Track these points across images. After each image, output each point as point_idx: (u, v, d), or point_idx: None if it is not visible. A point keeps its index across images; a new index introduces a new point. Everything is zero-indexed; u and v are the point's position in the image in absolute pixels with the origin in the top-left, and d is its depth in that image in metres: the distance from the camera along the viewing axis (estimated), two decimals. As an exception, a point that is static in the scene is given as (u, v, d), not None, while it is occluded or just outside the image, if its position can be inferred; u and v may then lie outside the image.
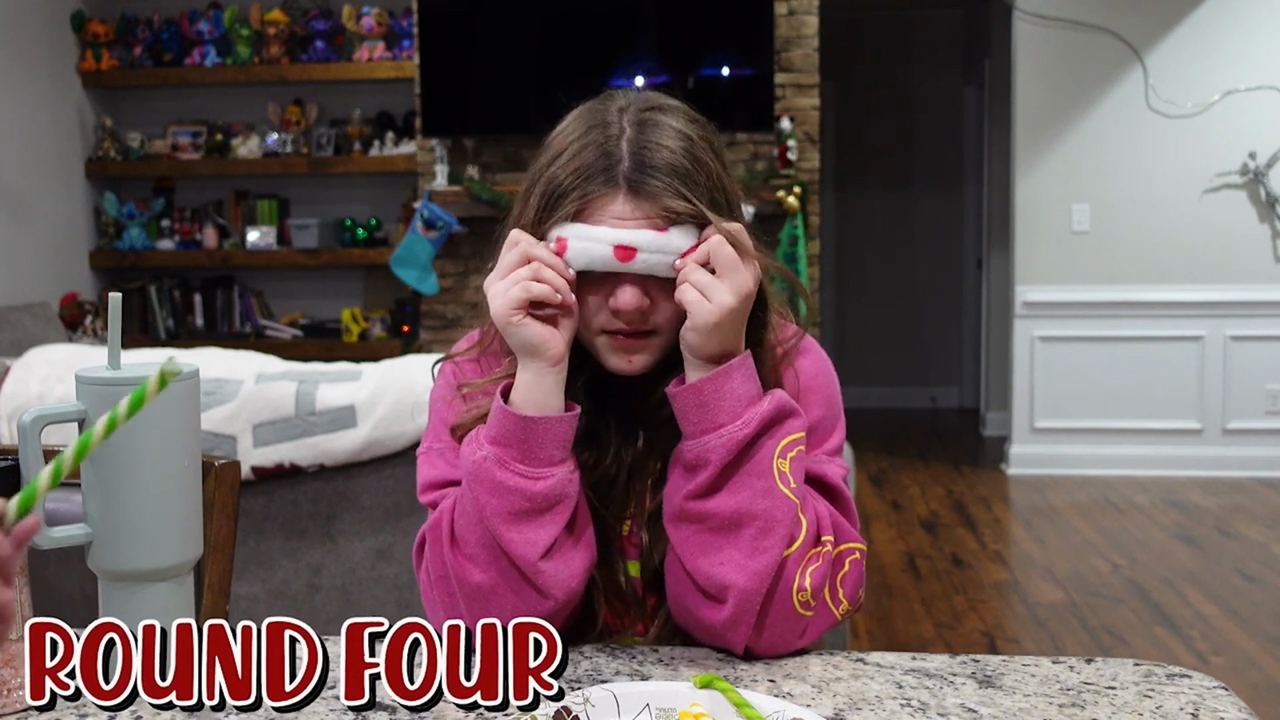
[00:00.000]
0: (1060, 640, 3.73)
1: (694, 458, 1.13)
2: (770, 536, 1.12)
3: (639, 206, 1.12)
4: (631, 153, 1.13)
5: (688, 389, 1.14)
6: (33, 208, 5.71)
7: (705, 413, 1.13)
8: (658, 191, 1.12)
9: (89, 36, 6.07)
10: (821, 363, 1.28)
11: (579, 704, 0.98)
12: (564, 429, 1.14)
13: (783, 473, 1.14)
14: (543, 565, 1.12)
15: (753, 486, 1.12)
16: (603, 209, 1.13)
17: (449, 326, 5.62)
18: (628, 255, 1.11)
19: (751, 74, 5.36)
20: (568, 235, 1.12)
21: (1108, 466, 5.95)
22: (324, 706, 1.02)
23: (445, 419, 1.26)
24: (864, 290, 8.28)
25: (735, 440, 1.12)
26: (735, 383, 1.13)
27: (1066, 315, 5.98)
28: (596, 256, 1.12)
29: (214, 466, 1.40)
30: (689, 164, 1.14)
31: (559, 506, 1.13)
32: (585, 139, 1.15)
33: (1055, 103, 5.92)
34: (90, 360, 2.67)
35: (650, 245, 1.11)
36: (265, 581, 2.59)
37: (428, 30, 5.47)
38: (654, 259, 1.12)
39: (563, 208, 1.13)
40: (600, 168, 1.13)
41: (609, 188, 1.13)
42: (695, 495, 1.13)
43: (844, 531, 1.19)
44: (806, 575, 1.14)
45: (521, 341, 1.13)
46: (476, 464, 1.13)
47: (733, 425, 1.12)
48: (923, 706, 1.02)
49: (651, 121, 1.16)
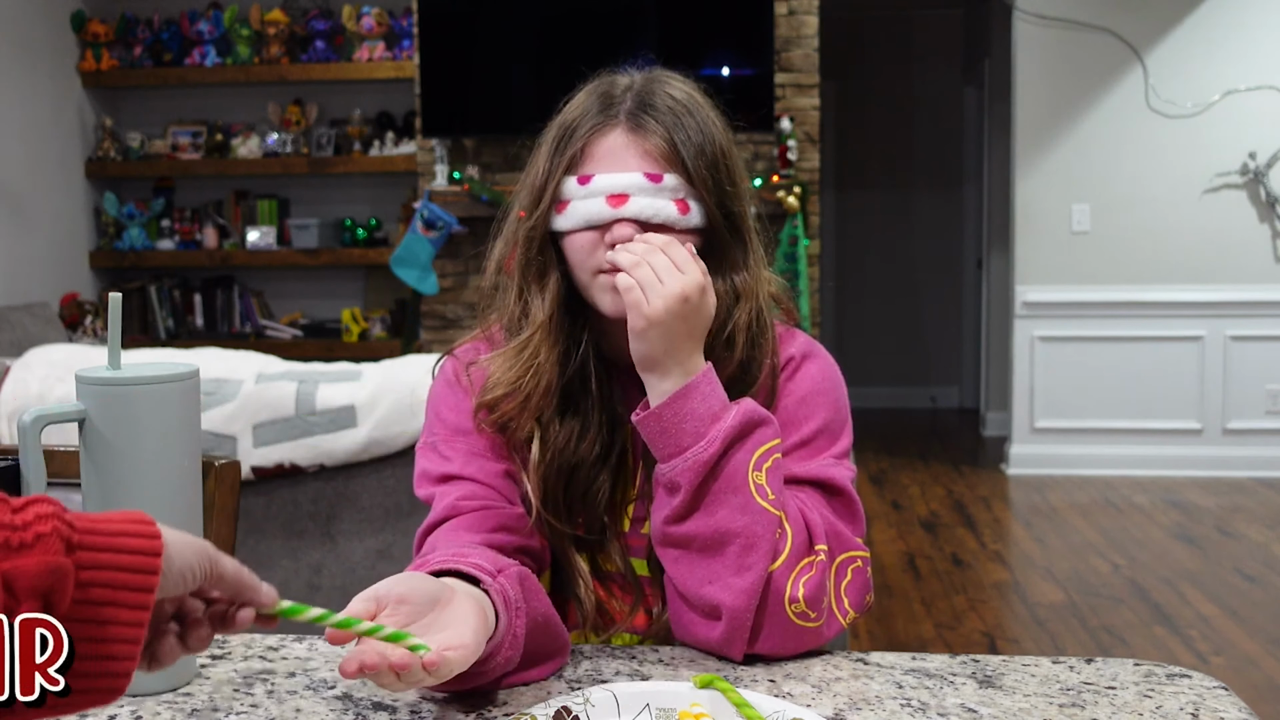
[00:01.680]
0: (1060, 640, 3.73)
1: (667, 482, 1.14)
2: (754, 553, 1.11)
3: (635, 142, 1.18)
4: (634, 95, 1.20)
5: (648, 417, 1.14)
6: (33, 208, 5.71)
7: (669, 438, 1.13)
8: (654, 128, 1.17)
9: (89, 36, 6.07)
10: (828, 367, 1.28)
11: (579, 704, 0.98)
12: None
13: (759, 485, 1.12)
14: (527, 676, 1.08)
15: (729, 504, 1.12)
16: (602, 143, 1.18)
17: (449, 326, 5.62)
18: (619, 201, 1.17)
19: (751, 74, 5.36)
20: (567, 197, 1.19)
21: (1108, 466, 5.95)
22: (324, 706, 1.02)
23: (443, 414, 1.26)
24: (864, 290, 8.27)
25: (701, 462, 1.11)
26: (694, 402, 1.12)
27: (1066, 315, 5.98)
28: (594, 211, 1.17)
29: (214, 466, 1.40)
30: (689, 116, 1.19)
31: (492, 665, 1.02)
32: (594, 91, 1.23)
33: (1055, 103, 5.92)
34: (90, 360, 2.67)
35: (642, 189, 1.16)
36: (265, 581, 2.59)
37: (428, 30, 5.47)
38: (645, 202, 1.16)
39: (569, 149, 1.19)
40: (603, 106, 1.20)
41: (610, 122, 1.19)
42: (673, 520, 1.13)
43: (843, 540, 1.18)
44: (799, 585, 1.13)
45: None
46: None
47: (697, 446, 1.11)
48: (923, 706, 1.02)
49: (659, 79, 1.24)
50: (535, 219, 1.21)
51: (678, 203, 1.17)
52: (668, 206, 1.17)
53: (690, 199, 1.18)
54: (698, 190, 1.18)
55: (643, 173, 1.17)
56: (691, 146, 1.18)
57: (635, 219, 1.16)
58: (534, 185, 1.22)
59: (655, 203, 1.16)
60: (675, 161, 1.17)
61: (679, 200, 1.17)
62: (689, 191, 1.18)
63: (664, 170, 1.17)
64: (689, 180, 1.17)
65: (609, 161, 1.18)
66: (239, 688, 1.07)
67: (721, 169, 1.20)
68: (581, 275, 1.20)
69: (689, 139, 1.18)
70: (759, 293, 1.23)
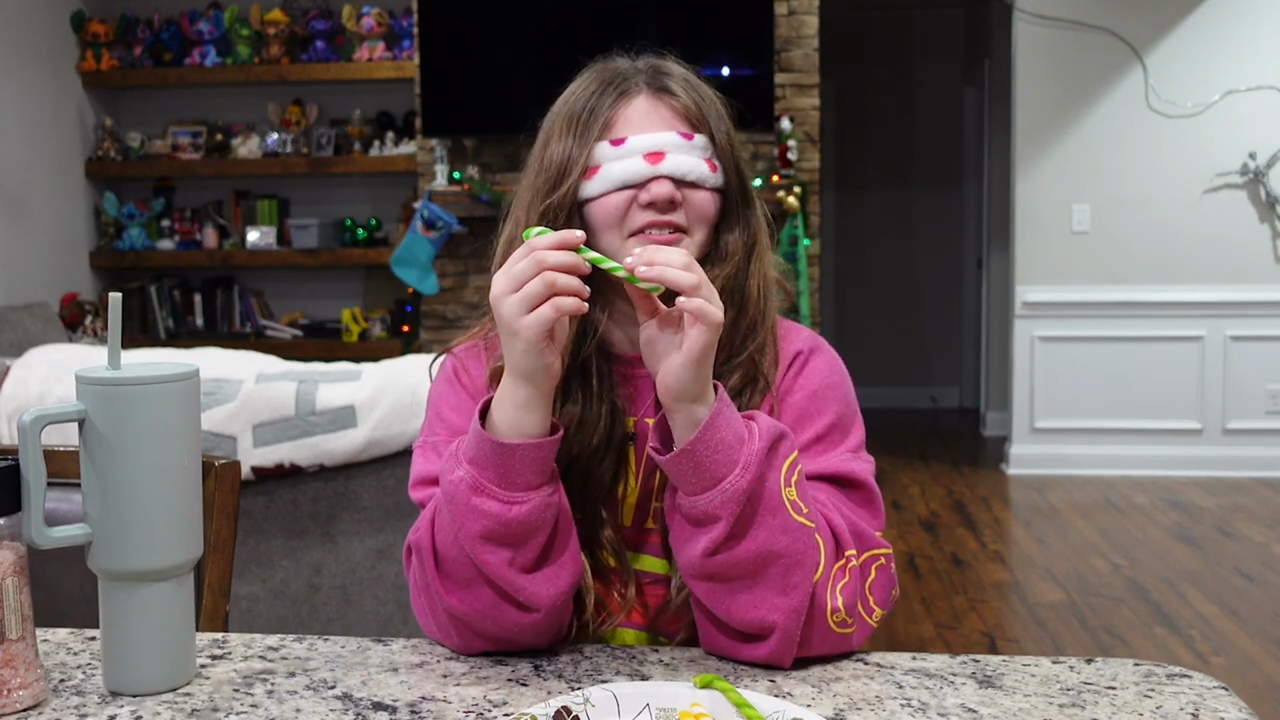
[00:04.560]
0: (1060, 640, 3.73)
1: (700, 514, 1.08)
2: (799, 571, 1.09)
3: (663, 102, 1.20)
4: (647, 68, 1.23)
5: (679, 455, 1.07)
6: (33, 208, 5.71)
7: (701, 472, 1.07)
8: (678, 91, 1.20)
9: (89, 36, 6.07)
10: (835, 361, 1.28)
11: (579, 704, 0.98)
12: (544, 454, 1.08)
13: (793, 502, 1.10)
14: (523, 582, 1.09)
15: (769, 526, 1.09)
16: (628, 109, 1.20)
17: (449, 326, 5.62)
18: (656, 158, 1.18)
19: (751, 74, 5.36)
20: (599, 161, 1.18)
21: (1108, 466, 5.95)
22: (324, 706, 1.02)
23: (443, 413, 1.25)
24: (864, 290, 8.27)
25: (739, 490, 1.07)
26: (721, 430, 1.07)
27: (1066, 315, 5.98)
28: (631, 170, 1.18)
29: (214, 466, 1.40)
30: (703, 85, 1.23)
31: (537, 532, 1.09)
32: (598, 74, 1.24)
33: (1055, 103, 5.92)
34: (90, 360, 2.67)
35: (677, 146, 1.18)
36: (265, 581, 2.59)
37: (428, 30, 5.48)
38: (681, 159, 1.18)
39: (596, 120, 1.19)
40: (616, 82, 1.21)
41: (632, 90, 1.21)
42: (712, 551, 1.09)
43: (866, 538, 1.17)
44: (838, 595, 1.12)
45: (534, 369, 1.06)
46: (453, 484, 1.09)
47: (732, 476, 1.07)
48: (923, 706, 1.02)
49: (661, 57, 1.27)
50: (563, 192, 1.19)
51: (707, 161, 1.20)
52: (701, 164, 1.19)
53: (716, 160, 1.21)
54: (722, 152, 1.21)
55: (676, 131, 1.19)
56: (714, 110, 1.22)
57: (672, 175, 1.18)
58: (554, 164, 1.20)
59: (689, 160, 1.19)
60: (702, 121, 1.21)
61: (708, 160, 1.20)
62: (715, 152, 1.21)
63: (693, 130, 1.20)
64: (714, 141, 1.21)
65: (640, 124, 1.20)
66: (239, 688, 1.07)
67: (734, 137, 1.24)
68: (612, 240, 1.19)
69: (710, 104, 1.22)
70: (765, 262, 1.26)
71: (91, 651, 1.15)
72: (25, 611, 1.01)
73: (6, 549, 1.00)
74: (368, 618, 2.61)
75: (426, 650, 1.16)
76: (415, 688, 1.06)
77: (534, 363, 1.05)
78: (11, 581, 1.00)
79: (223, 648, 1.16)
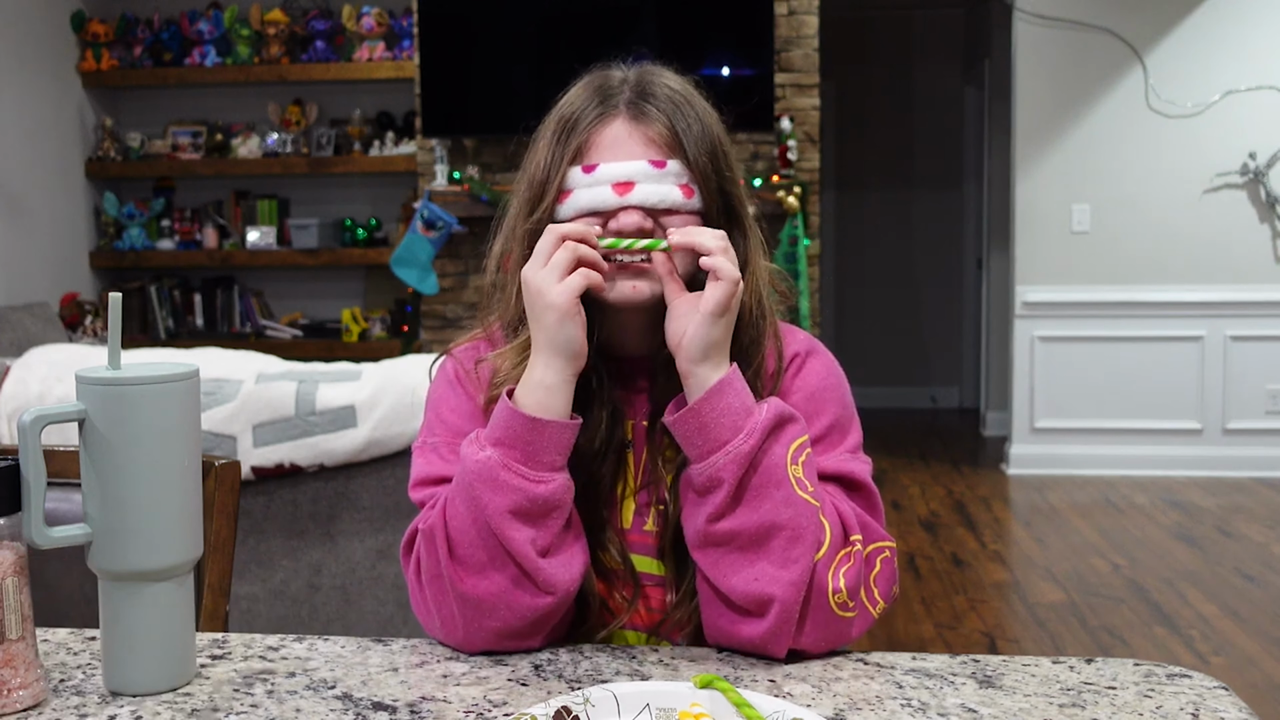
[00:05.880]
0: (1060, 640, 3.73)
1: (705, 480, 1.13)
2: (799, 545, 1.12)
3: (637, 129, 1.20)
4: (632, 86, 1.23)
5: (686, 414, 1.14)
6: (33, 208, 5.71)
7: (707, 434, 1.13)
8: (655, 116, 1.20)
9: (89, 36, 6.07)
10: (831, 362, 1.30)
11: (579, 704, 0.98)
12: (568, 436, 1.14)
13: (799, 478, 1.13)
14: (544, 562, 1.12)
15: (772, 497, 1.12)
16: (604, 133, 1.20)
17: (449, 326, 5.62)
18: (625, 189, 1.18)
19: (751, 74, 5.36)
20: (571, 187, 1.20)
21: (1108, 466, 5.95)
22: (324, 706, 1.02)
23: (443, 414, 1.26)
24: (864, 290, 8.28)
25: (742, 454, 1.12)
26: (730, 398, 1.13)
27: (1066, 315, 5.98)
28: (599, 199, 1.18)
29: (214, 466, 1.40)
30: (687, 105, 1.22)
31: (556, 512, 1.13)
32: (590, 84, 1.24)
33: (1055, 103, 5.92)
34: (90, 360, 2.67)
35: (647, 175, 1.18)
36: (265, 581, 2.59)
37: (428, 30, 5.48)
38: (651, 189, 1.18)
39: (573, 141, 1.20)
40: (603, 98, 1.22)
41: (611, 112, 1.21)
42: (715, 517, 1.13)
43: (872, 530, 1.19)
44: (840, 577, 1.13)
45: (568, 340, 1.13)
46: (480, 463, 1.12)
47: (736, 439, 1.12)
48: (923, 706, 1.02)
49: (654, 71, 1.27)
50: (540, 214, 1.21)
51: (681, 187, 1.19)
52: (672, 191, 1.19)
53: (692, 184, 1.20)
54: (698, 175, 1.20)
55: (647, 159, 1.19)
56: (691, 133, 1.21)
57: (641, 206, 1.18)
58: (535, 179, 1.22)
59: (660, 188, 1.18)
60: (676, 148, 1.20)
61: (682, 185, 1.19)
62: (690, 176, 1.20)
63: (667, 156, 1.20)
64: (689, 165, 1.20)
65: (613, 150, 1.20)
66: (239, 688, 1.06)
67: (719, 155, 1.23)
68: None
69: (689, 126, 1.21)
70: (759, 277, 1.25)
71: (91, 651, 1.15)
72: (25, 611, 1.01)
73: (6, 549, 1.00)
74: (368, 618, 2.61)
75: (426, 650, 1.16)
76: (415, 688, 1.06)
77: (569, 333, 1.12)
78: (11, 581, 1.00)
79: (223, 648, 1.16)
